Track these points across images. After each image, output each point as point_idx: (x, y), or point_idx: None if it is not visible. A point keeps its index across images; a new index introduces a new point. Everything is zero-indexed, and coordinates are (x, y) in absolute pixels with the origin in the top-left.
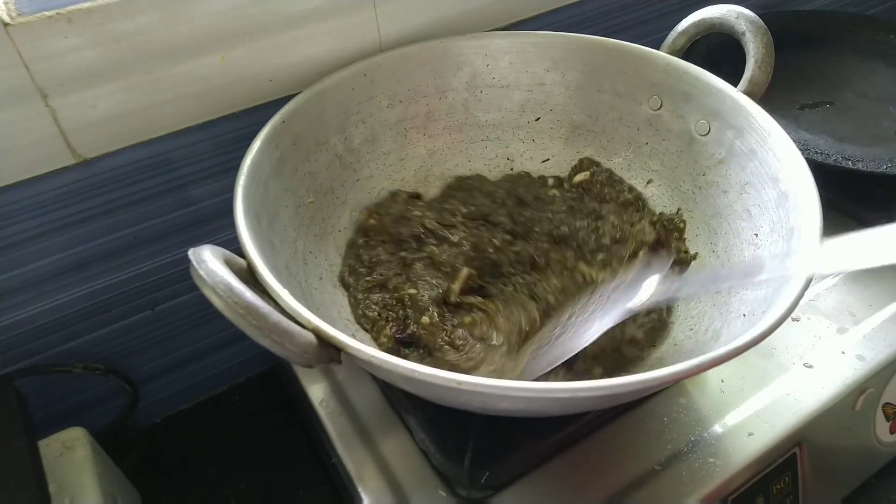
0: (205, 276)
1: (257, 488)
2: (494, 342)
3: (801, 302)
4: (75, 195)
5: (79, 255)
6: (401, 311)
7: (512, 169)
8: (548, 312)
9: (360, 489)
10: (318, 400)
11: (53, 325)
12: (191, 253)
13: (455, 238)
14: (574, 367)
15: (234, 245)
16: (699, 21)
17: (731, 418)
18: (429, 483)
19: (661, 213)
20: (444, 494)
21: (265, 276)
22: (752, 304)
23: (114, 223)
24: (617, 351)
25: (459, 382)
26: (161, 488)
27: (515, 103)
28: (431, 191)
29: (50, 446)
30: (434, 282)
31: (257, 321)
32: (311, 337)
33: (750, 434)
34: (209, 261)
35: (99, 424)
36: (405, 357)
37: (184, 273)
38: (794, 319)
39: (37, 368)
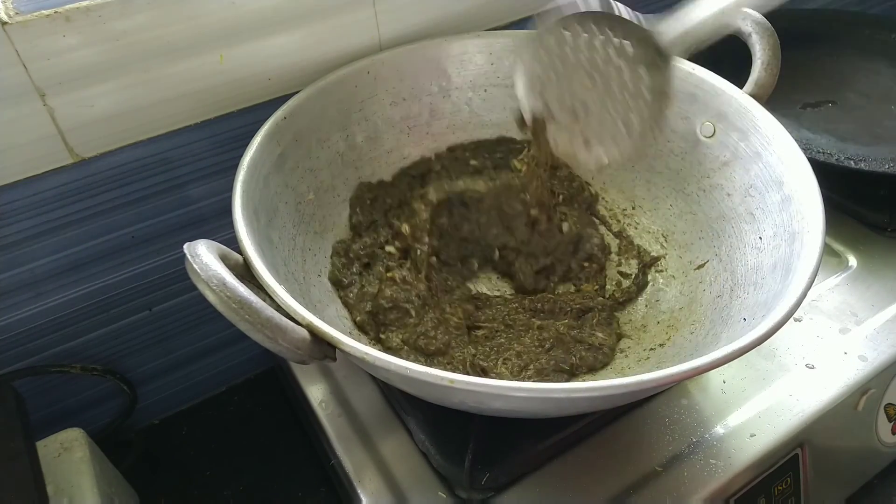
0: (199, 270)
1: (256, 490)
2: None
3: (804, 302)
4: (73, 195)
5: (76, 255)
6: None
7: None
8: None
9: (359, 490)
10: (318, 401)
11: (51, 326)
12: (186, 247)
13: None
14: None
15: (234, 245)
16: None
17: (733, 419)
18: (428, 484)
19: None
20: (444, 496)
21: (260, 271)
22: (752, 308)
23: (112, 223)
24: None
25: (451, 381)
26: (159, 489)
27: None
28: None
29: (48, 447)
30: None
31: (250, 316)
32: (304, 333)
33: (752, 435)
34: (204, 255)
35: (97, 425)
36: None
37: (182, 273)
38: (796, 320)
39: (35, 369)
